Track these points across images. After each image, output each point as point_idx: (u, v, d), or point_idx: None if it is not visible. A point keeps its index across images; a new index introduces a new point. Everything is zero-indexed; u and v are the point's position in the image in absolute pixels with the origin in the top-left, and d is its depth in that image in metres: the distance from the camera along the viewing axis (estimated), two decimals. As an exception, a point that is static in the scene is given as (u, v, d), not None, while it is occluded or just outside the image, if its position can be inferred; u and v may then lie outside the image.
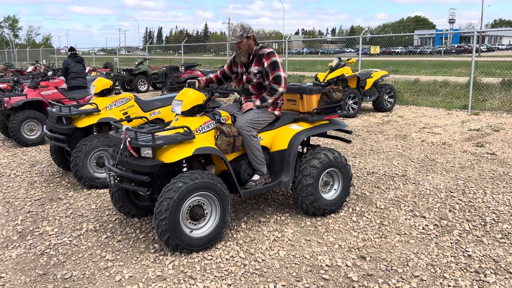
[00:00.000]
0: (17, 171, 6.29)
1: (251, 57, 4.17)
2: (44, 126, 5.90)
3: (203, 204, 3.59)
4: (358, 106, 10.51)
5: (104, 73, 8.78)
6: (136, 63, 18.11)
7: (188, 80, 4.12)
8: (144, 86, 17.46)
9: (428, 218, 4.29)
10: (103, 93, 5.81)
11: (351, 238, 3.89)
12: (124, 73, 17.64)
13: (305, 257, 3.55)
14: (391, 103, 11.34)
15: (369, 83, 10.80)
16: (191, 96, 3.81)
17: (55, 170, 6.27)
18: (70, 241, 3.91)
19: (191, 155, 3.52)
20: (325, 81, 10.13)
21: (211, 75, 4.46)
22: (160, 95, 7.57)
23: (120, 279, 3.24)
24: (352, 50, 51.08)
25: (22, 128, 7.87)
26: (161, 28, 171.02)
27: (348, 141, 4.92)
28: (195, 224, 3.59)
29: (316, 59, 26.27)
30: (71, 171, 5.74)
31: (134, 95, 6.03)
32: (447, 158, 6.51)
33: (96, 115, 5.46)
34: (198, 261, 3.49)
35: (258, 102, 4.11)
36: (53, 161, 6.28)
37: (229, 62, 4.45)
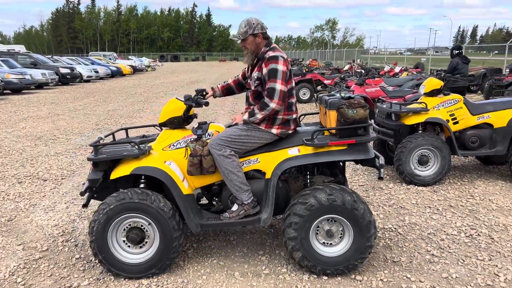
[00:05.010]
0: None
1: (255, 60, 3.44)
2: (372, 120, 6.45)
3: (143, 227, 3.26)
4: None
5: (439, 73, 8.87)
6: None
7: (196, 88, 3.65)
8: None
9: None
10: (433, 93, 5.89)
11: None
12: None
13: None
14: None
15: None
16: (168, 107, 3.43)
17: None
18: (395, 229, 4.20)
19: (134, 174, 3.26)
20: None
21: (229, 80, 3.84)
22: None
23: (447, 277, 3.29)
24: None
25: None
26: (476, 26, 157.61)
27: (379, 178, 3.39)
28: (136, 247, 3.30)
29: None
30: (391, 164, 6.11)
31: (463, 97, 5.87)
32: None
33: (424, 114, 5.60)
34: (536, 282, 3.19)
35: (246, 116, 3.35)
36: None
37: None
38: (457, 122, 5.78)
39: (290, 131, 3.42)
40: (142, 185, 3.40)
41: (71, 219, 4.50)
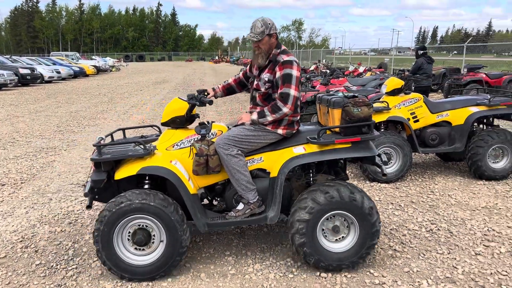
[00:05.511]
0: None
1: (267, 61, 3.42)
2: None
3: (148, 227, 3.22)
4: None
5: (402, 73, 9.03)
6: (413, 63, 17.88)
7: (198, 89, 3.63)
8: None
9: None
10: (394, 92, 6.04)
11: None
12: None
13: None
14: None
15: None
16: (170, 107, 3.43)
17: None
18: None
19: (139, 174, 3.19)
20: None
21: (230, 80, 3.85)
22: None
23: (408, 271, 3.38)
24: None
25: (313, 119, 8.91)
26: (437, 27, 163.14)
27: (383, 175, 3.53)
28: (142, 249, 3.25)
29: None
30: (355, 162, 6.21)
31: (423, 96, 6.05)
32: None
33: (385, 113, 5.73)
34: (491, 273, 3.33)
35: (255, 116, 3.37)
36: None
37: (251, 61, 3.68)
38: (417, 121, 5.95)
39: (294, 131, 3.47)
40: (146, 186, 3.36)
41: (31, 224, 4.36)
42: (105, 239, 3.12)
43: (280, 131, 3.40)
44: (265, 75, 3.39)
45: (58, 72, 26.30)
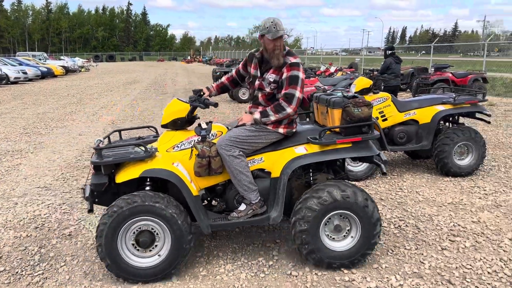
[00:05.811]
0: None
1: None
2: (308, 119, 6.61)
3: (153, 229, 3.18)
4: None
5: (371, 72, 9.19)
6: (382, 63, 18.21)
7: (194, 89, 3.62)
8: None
9: None
10: (363, 92, 6.13)
11: None
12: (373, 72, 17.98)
13: None
14: None
15: None
16: (171, 108, 3.39)
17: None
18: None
19: (141, 177, 3.15)
20: None
21: (223, 78, 3.83)
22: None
23: (377, 267, 3.44)
24: None
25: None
26: (405, 28, 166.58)
27: (383, 174, 3.67)
28: (144, 251, 3.21)
29: None
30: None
31: (391, 95, 6.16)
32: None
33: (355, 112, 5.81)
34: (456, 267, 3.42)
35: (257, 115, 3.37)
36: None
37: (244, 60, 3.71)
38: (386, 119, 6.07)
39: (294, 130, 3.50)
40: (148, 188, 3.32)
41: (-5, 230, 4.22)
42: (115, 223, 3.05)
43: (281, 130, 3.42)
44: (270, 76, 3.39)
45: (25, 73, 25.55)
